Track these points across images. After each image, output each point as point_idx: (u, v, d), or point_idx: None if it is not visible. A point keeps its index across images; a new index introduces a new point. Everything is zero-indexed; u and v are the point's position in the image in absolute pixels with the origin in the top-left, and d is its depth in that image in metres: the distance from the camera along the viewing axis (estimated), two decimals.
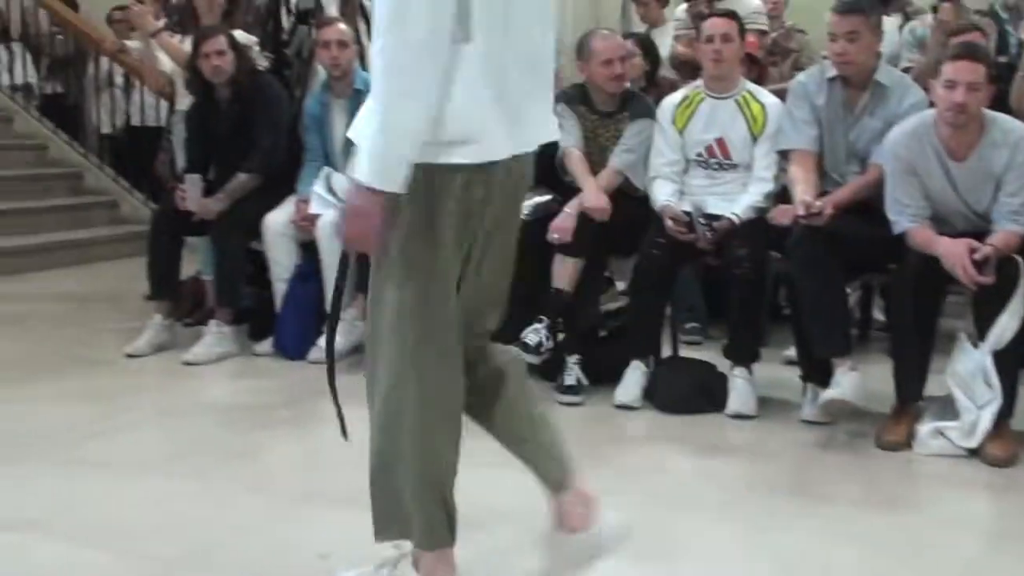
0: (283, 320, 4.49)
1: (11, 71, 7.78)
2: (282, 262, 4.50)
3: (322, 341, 4.33)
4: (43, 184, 7.30)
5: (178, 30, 5.19)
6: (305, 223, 4.42)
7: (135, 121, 7.25)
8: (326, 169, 4.49)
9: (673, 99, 4.13)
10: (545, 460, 2.38)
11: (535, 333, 3.92)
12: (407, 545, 2.26)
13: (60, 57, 8.07)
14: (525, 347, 3.92)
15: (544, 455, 2.38)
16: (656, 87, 4.87)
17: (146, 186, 7.29)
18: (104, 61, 7.52)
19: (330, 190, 4.41)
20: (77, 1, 8.16)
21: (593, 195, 3.94)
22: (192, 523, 2.75)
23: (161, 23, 5.12)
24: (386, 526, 2.23)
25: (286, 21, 5.01)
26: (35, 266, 6.41)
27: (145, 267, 4.61)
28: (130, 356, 4.43)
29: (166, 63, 5.01)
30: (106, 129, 7.68)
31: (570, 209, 3.95)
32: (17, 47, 7.93)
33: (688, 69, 5.05)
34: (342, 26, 4.55)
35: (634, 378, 3.87)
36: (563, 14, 7.17)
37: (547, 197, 4.19)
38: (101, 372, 4.25)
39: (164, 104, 5.75)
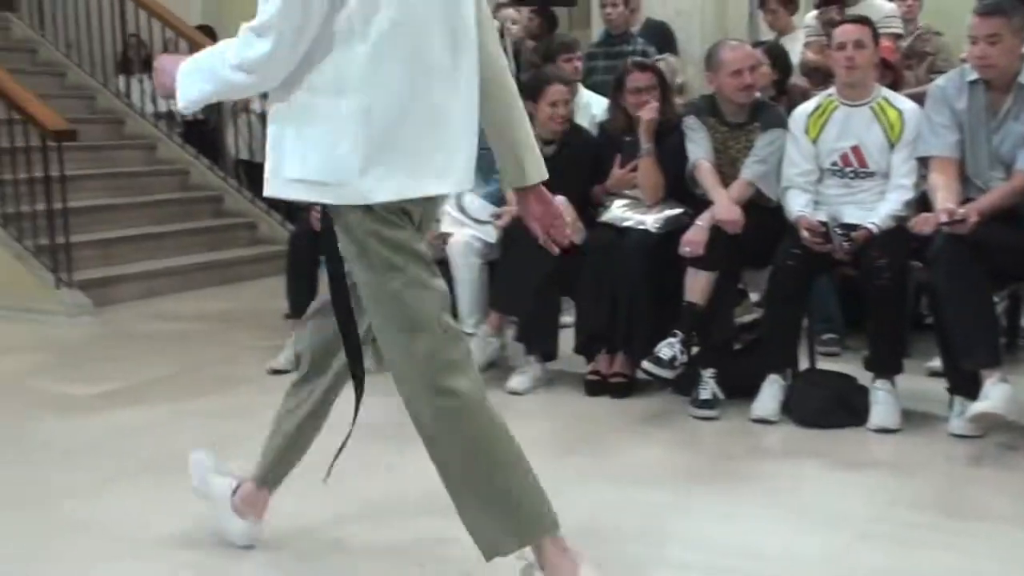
0: None
1: (154, 100, 8.10)
2: None
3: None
4: (186, 208, 7.56)
5: None
6: (437, 241, 4.47)
7: None
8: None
9: (805, 108, 4.06)
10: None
11: (668, 347, 3.90)
12: (528, 553, 2.30)
13: None
14: (658, 361, 3.91)
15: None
16: (786, 95, 4.80)
17: (282, 207, 7.50)
18: None
19: (461, 209, 4.47)
20: (213, 28, 8.45)
21: (725, 207, 3.90)
22: (327, 539, 2.80)
23: None
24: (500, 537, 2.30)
25: None
26: (179, 287, 6.64)
27: (284, 286, 4.74)
28: (272, 372, 4.55)
29: None
30: (244, 155, 7.93)
31: (702, 222, 3.92)
32: None
33: (820, 76, 4.96)
34: None
35: (771, 391, 3.81)
36: (689, 24, 7.13)
37: (678, 210, 4.17)
38: (243, 389, 4.38)
39: None
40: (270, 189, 2.28)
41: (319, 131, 2.16)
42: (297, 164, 2.20)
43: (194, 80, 2.26)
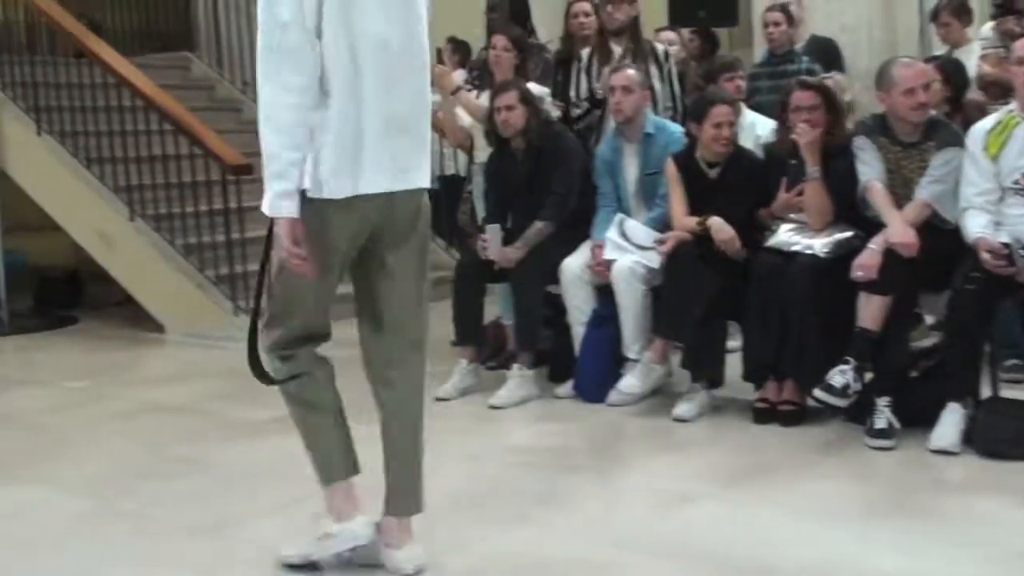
0: (582, 364, 4.56)
1: None
2: (579, 306, 4.57)
3: (622, 384, 4.39)
4: None
5: (477, 84, 5.43)
6: (600, 268, 4.48)
7: (448, 171, 7.59)
8: (619, 216, 4.55)
9: (984, 125, 3.89)
10: None
11: (841, 375, 3.79)
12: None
13: None
14: (830, 389, 3.80)
15: None
16: (961, 112, 4.61)
17: (447, 234, 7.62)
18: None
19: (623, 235, 4.47)
20: None
21: (899, 229, 3.77)
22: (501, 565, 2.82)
23: (461, 80, 5.34)
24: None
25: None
26: (348, 313, 6.77)
27: (450, 313, 4.81)
28: (438, 400, 4.62)
29: (465, 118, 5.23)
30: None
31: (875, 245, 3.80)
32: None
33: (998, 90, 4.75)
34: (630, 72, 4.60)
35: (952, 420, 3.65)
36: (856, 40, 6.95)
37: (849, 233, 4.06)
38: None
39: (463, 156, 6.01)
40: None
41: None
42: None
43: (270, 172, 2.50)
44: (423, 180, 2.71)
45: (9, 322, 6.83)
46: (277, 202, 2.50)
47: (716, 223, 4.22)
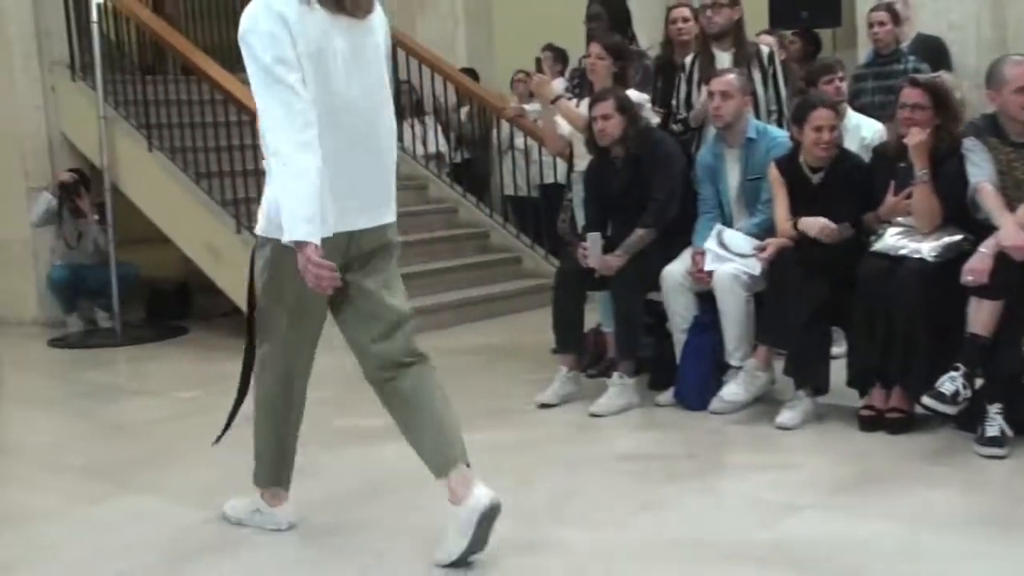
0: (683, 371, 4.52)
1: (424, 143, 8.46)
2: (680, 313, 4.54)
3: (725, 392, 4.35)
4: (454, 244, 7.83)
5: (577, 93, 5.43)
6: (701, 275, 4.44)
7: (548, 179, 7.64)
8: (717, 227, 4.51)
9: None
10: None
11: (951, 382, 3.71)
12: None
13: (466, 125, 8.67)
14: (939, 396, 3.72)
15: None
16: None
17: (546, 242, 7.65)
18: (505, 125, 8.01)
19: (722, 245, 4.42)
20: (477, 71, 8.75)
21: (1012, 232, 3.67)
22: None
23: (561, 88, 5.35)
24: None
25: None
26: (449, 322, 6.87)
27: (550, 321, 4.81)
28: (539, 406, 4.63)
29: (564, 126, 5.24)
30: (508, 191, 8.15)
31: (986, 248, 3.70)
32: (429, 120, 8.62)
33: None
34: (730, 77, 4.55)
35: None
36: (964, 38, 6.76)
37: (958, 236, 3.97)
38: (512, 422, 4.48)
39: (562, 164, 6.02)
40: None
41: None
42: None
43: (286, 211, 2.78)
44: (389, 217, 3.13)
45: (122, 333, 7.05)
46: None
47: (805, 222, 4.20)
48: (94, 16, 6.97)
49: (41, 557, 3.20)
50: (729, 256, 4.38)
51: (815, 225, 4.19)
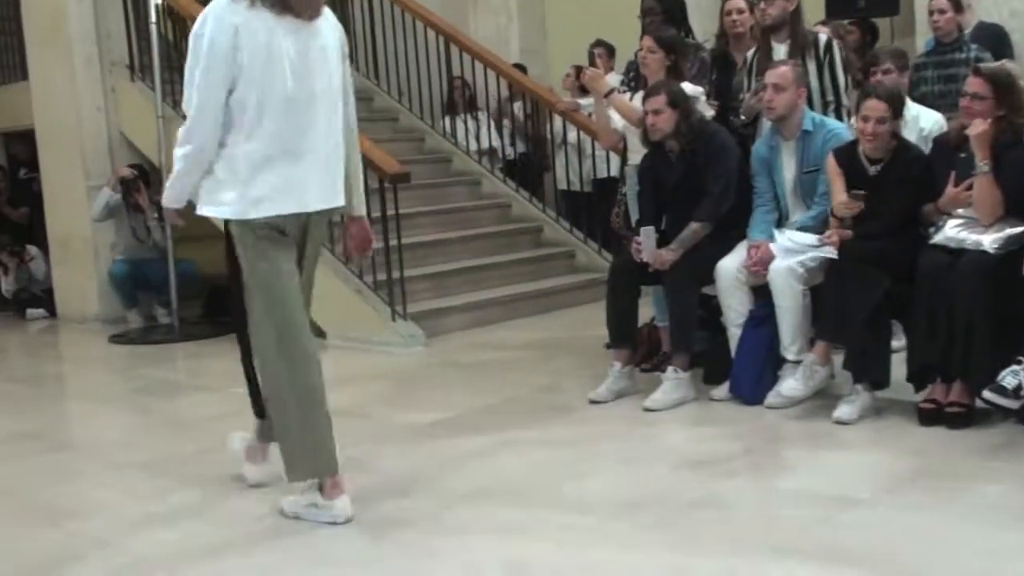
0: (738, 365, 4.49)
1: (478, 138, 8.48)
2: (735, 307, 4.50)
3: (783, 387, 4.30)
4: (508, 239, 7.83)
5: (632, 87, 5.41)
6: (757, 268, 4.40)
7: (601, 174, 7.62)
8: (775, 232, 4.47)
9: None
10: None
11: (1013, 376, 3.66)
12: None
13: (519, 120, 8.67)
14: (1001, 390, 3.67)
15: None
16: None
17: (599, 236, 7.63)
18: (558, 120, 7.99)
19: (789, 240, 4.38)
20: (526, 67, 8.75)
21: None
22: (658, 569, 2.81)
23: (616, 82, 5.31)
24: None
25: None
26: (502, 316, 6.89)
27: (603, 315, 4.80)
28: (593, 402, 4.62)
29: (618, 120, 5.22)
30: (562, 185, 8.14)
31: None
32: (482, 115, 8.64)
33: None
34: (783, 69, 4.50)
35: None
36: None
37: (1019, 228, 3.90)
38: (565, 418, 4.48)
39: (616, 158, 6.00)
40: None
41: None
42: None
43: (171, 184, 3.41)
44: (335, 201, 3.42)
45: (180, 329, 7.15)
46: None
47: (836, 208, 4.22)
48: (152, 17, 7.07)
49: (107, 549, 3.26)
50: (792, 245, 4.32)
51: (842, 208, 4.20)
